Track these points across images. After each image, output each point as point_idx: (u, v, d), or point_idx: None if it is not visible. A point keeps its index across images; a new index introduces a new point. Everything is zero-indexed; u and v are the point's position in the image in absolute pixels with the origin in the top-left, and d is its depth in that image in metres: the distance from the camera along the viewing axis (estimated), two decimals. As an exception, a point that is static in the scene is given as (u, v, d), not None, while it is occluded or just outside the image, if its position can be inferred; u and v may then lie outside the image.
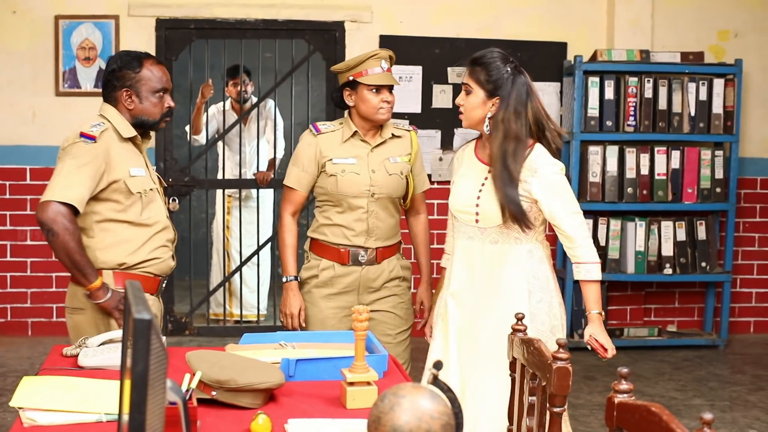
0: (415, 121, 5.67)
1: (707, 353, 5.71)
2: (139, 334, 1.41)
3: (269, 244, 6.10)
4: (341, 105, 3.35)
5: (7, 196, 5.71)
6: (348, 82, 3.27)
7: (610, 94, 5.59)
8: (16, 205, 5.72)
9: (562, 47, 5.87)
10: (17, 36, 5.63)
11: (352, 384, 2.25)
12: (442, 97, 5.84)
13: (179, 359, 2.36)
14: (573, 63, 5.57)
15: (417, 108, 5.82)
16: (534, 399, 2.22)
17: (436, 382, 1.74)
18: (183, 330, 5.89)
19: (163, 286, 3.08)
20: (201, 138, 6.11)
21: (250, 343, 2.67)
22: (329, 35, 5.82)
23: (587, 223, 2.99)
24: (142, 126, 3.00)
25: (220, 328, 6.08)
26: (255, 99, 6.14)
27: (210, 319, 6.18)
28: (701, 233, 5.74)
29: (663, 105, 5.62)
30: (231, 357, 2.32)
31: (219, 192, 6.33)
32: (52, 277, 5.75)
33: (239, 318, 6.16)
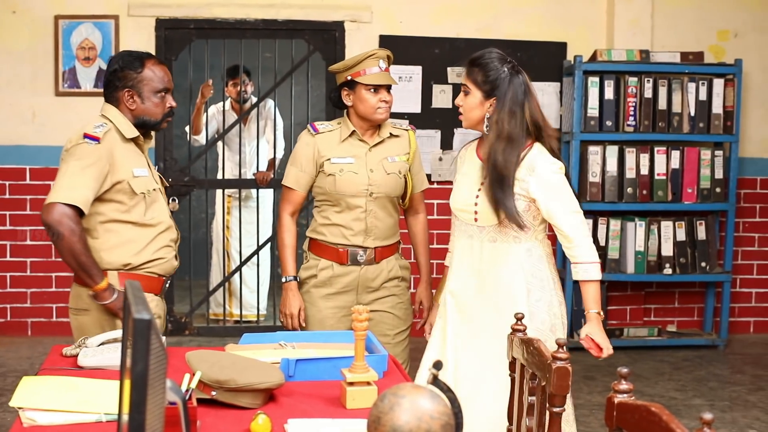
0: (415, 121, 5.67)
1: (707, 353, 5.70)
2: (139, 334, 1.41)
3: (269, 244, 6.10)
4: (339, 105, 3.35)
5: (7, 196, 5.71)
6: (346, 81, 3.27)
7: (609, 94, 5.59)
8: (15, 205, 5.72)
9: (561, 47, 5.87)
10: (17, 36, 5.63)
11: (351, 384, 2.25)
12: (441, 97, 5.84)
13: (179, 359, 2.36)
14: (573, 63, 5.57)
15: (417, 108, 5.82)
16: (534, 399, 2.22)
17: (436, 382, 1.74)
18: (183, 330, 5.89)
19: (167, 286, 3.07)
20: (201, 138, 6.10)
21: (249, 343, 2.67)
22: (329, 35, 5.82)
23: (587, 223, 2.97)
24: (144, 126, 2.99)
25: (219, 328, 6.08)
26: (255, 99, 6.14)
27: (210, 319, 6.18)
28: (701, 233, 5.74)
29: (663, 105, 5.62)
30: (231, 357, 2.32)
31: (219, 192, 6.33)
32: (51, 277, 5.75)
33: (239, 318, 6.15)
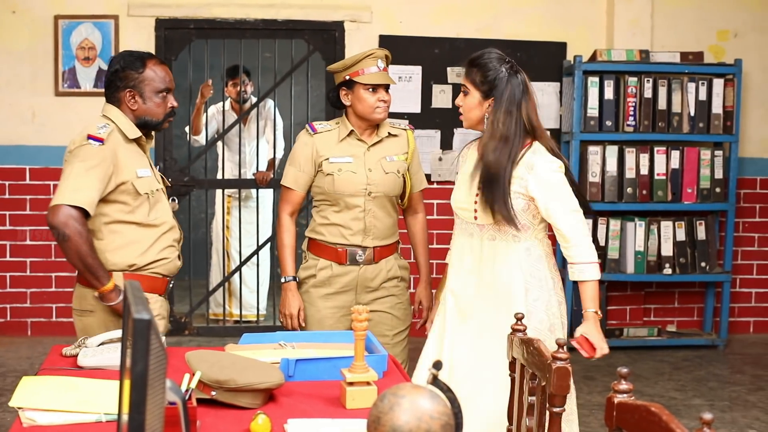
0: (415, 121, 5.66)
1: (707, 353, 5.70)
2: (139, 334, 1.41)
3: (269, 244, 6.10)
4: (337, 105, 3.35)
5: (7, 196, 5.71)
6: (344, 81, 3.28)
7: (609, 94, 5.59)
8: (15, 205, 5.72)
9: (561, 47, 5.87)
10: (17, 36, 5.63)
11: (351, 384, 2.24)
12: (441, 97, 5.84)
13: (179, 359, 2.36)
14: (573, 63, 5.57)
15: (416, 108, 5.82)
16: (534, 399, 2.22)
17: (435, 382, 1.74)
18: (182, 330, 5.89)
19: (170, 286, 3.07)
20: (201, 138, 6.10)
21: (249, 343, 2.67)
22: (329, 35, 5.82)
23: (587, 223, 2.96)
24: (145, 126, 2.98)
25: (219, 328, 6.08)
26: (254, 99, 6.14)
27: (209, 319, 6.18)
28: (701, 233, 5.74)
29: (662, 105, 5.62)
30: (230, 357, 2.32)
31: (218, 192, 6.33)
32: (51, 277, 5.75)
33: (239, 318, 6.15)
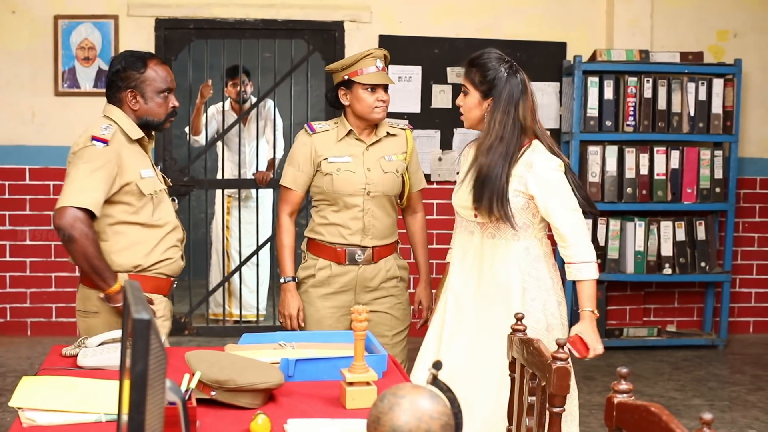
0: (415, 121, 5.66)
1: (707, 353, 5.70)
2: (139, 334, 1.41)
3: (268, 244, 6.10)
4: (336, 105, 3.35)
5: (7, 196, 5.71)
6: (343, 81, 3.28)
7: (609, 94, 5.59)
8: (15, 205, 5.72)
9: (561, 47, 5.86)
10: (16, 36, 5.63)
11: (351, 384, 2.24)
12: (441, 97, 5.84)
13: (178, 359, 2.36)
14: (572, 63, 5.57)
15: (416, 108, 5.82)
16: (534, 399, 2.22)
17: (435, 382, 1.74)
18: (182, 330, 5.89)
19: (174, 286, 3.06)
20: (200, 139, 6.10)
21: (249, 343, 2.67)
22: (328, 35, 5.82)
23: (587, 223, 2.96)
24: (147, 126, 2.98)
25: (219, 328, 6.08)
26: (254, 99, 6.14)
27: (209, 319, 6.18)
28: (700, 233, 5.74)
29: (662, 105, 5.62)
30: (230, 357, 2.31)
31: (218, 192, 6.33)
32: (51, 277, 5.74)
33: (238, 318, 6.15)
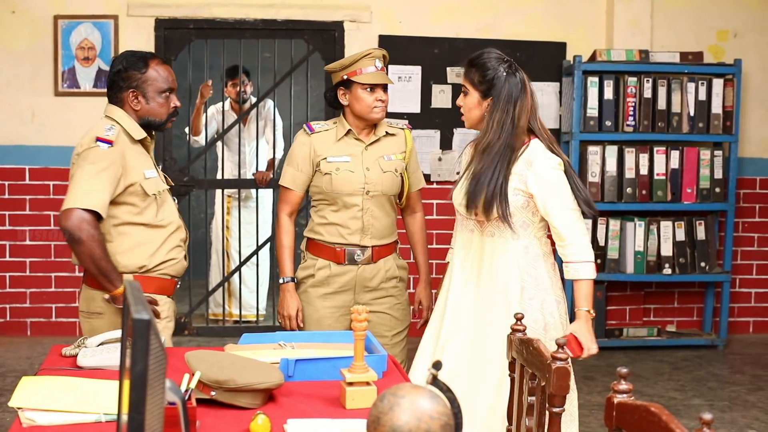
0: (414, 121, 5.67)
1: (706, 353, 5.70)
2: (138, 334, 1.41)
3: (268, 244, 6.10)
4: (335, 104, 3.35)
5: (6, 196, 5.71)
6: (342, 81, 3.29)
7: (609, 94, 5.59)
8: (15, 205, 5.72)
9: (561, 47, 5.86)
10: (16, 36, 5.63)
11: (351, 384, 2.24)
12: (441, 97, 5.84)
13: (178, 359, 2.36)
14: (572, 63, 5.57)
15: (416, 108, 5.82)
16: (533, 399, 2.22)
17: (435, 382, 1.74)
18: (182, 330, 5.89)
19: (178, 287, 3.06)
20: (200, 139, 6.10)
21: (249, 343, 2.67)
22: (328, 35, 5.82)
23: (587, 223, 2.96)
24: (148, 126, 2.98)
25: (219, 328, 6.08)
26: (254, 99, 6.14)
27: (209, 319, 6.18)
28: (700, 233, 5.74)
29: (662, 105, 5.62)
30: (230, 357, 2.31)
31: (218, 192, 6.33)
32: (51, 277, 5.74)
33: (238, 318, 6.15)
